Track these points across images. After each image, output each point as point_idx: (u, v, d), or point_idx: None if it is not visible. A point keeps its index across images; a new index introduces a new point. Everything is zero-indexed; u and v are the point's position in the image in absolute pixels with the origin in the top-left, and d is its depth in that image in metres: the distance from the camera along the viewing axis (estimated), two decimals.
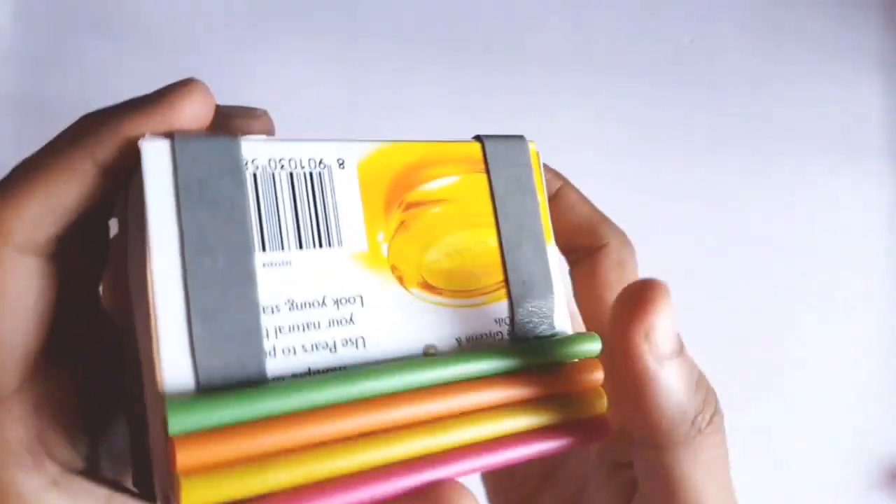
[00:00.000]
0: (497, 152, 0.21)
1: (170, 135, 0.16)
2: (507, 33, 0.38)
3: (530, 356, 0.19)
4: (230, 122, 0.18)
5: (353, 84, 0.35)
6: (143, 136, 0.16)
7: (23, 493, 0.16)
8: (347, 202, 0.18)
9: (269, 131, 0.19)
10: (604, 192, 0.38)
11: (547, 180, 0.23)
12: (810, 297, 0.39)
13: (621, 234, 0.22)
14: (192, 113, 0.16)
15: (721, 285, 0.38)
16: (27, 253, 0.16)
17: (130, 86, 0.34)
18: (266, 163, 0.17)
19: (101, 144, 0.16)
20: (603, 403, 0.20)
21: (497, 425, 0.18)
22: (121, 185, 0.17)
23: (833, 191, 0.41)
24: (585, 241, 0.22)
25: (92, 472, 0.17)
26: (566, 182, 0.22)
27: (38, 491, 0.16)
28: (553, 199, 0.22)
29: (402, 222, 0.19)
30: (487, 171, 0.20)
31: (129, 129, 0.16)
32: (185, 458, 0.14)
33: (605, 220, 0.22)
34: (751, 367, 0.38)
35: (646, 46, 0.39)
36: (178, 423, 0.14)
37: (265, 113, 0.19)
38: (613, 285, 0.21)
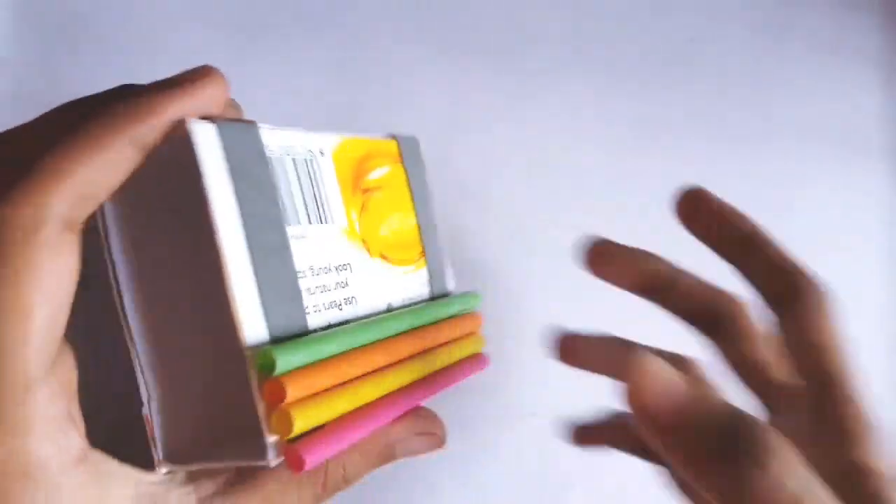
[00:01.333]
0: (406, 149, 0.26)
1: (208, 118, 0.17)
2: (507, 30, 0.37)
3: (446, 309, 0.25)
4: None
5: (353, 83, 0.34)
6: (181, 119, 0.17)
7: (50, 469, 0.15)
8: (330, 185, 0.21)
9: (241, 115, 0.21)
10: (602, 189, 0.37)
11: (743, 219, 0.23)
12: None
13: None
14: (221, 97, 0.18)
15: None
16: (67, 231, 0.16)
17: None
18: (277, 149, 0.19)
19: (144, 127, 0.16)
20: (482, 343, 0.27)
21: (441, 360, 0.23)
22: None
23: (833, 190, 0.41)
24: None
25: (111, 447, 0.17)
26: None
27: (63, 467, 0.16)
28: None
29: (363, 204, 0.23)
30: (403, 164, 0.25)
31: (169, 111, 0.17)
32: (293, 391, 0.16)
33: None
34: None
35: (645, 45, 0.39)
36: (283, 363, 0.16)
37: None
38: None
